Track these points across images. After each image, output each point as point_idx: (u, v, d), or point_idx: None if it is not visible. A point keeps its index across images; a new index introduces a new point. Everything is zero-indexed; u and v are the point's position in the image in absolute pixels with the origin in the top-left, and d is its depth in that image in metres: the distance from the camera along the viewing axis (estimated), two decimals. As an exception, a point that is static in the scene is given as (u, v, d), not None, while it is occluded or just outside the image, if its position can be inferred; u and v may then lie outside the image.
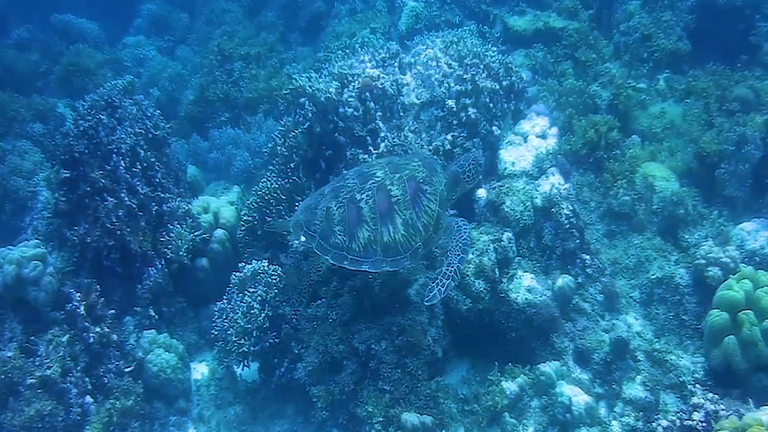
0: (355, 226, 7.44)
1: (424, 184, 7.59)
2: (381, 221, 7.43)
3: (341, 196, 7.61)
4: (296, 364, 8.79)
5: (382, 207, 7.45)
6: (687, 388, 7.97)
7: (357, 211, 7.47)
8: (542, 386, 7.90)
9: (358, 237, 7.45)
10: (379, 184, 7.55)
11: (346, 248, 7.47)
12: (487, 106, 10.49)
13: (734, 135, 9.83)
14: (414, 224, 7.48)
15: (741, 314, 7.88)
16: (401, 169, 7.68)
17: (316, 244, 7.61)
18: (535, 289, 8.65)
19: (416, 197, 7.53)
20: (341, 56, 11.81)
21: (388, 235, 7.43)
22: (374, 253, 7.45)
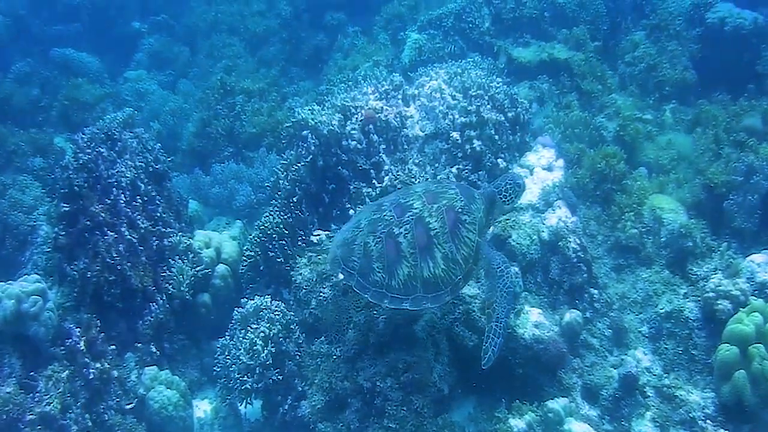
0: (395, 262, 7.23)
1: (462, 214, 7.44)
2: (420, 256, 7.23)
3: (379, 230, 7.38)
4: (300, 401, 8.78)
5: (421, 241, 7.24)
6: (698, 424, 7.95)
7: (396, 246, 7.25)
8: (550, 423, 7.85)
9: (398, 274, 7.22)
10: (417, 216, 7.33)
11: (385, 286, 7.24)
12: (492, 138, 10.57)
13: (743, 165, 9.86)
14: (454, 257, 7.33)
15: (751, 348, 7.89)
16: (439, 199, 7.51)
17: (354, 282, 7.34)
18: (543, 325, 8.65)
19: (455, 228, 7.37)
20: (344, 88, 11.92)
21: (428, 270, 7.27)
22: (414, 289, 7.24)
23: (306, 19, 19.58)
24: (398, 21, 17.31)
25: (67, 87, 17.62)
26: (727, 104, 11.56)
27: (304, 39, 18.92)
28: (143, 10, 22.39)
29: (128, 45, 21.51)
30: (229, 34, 20.30)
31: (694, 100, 12.30)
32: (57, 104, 17.26)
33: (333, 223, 10.18)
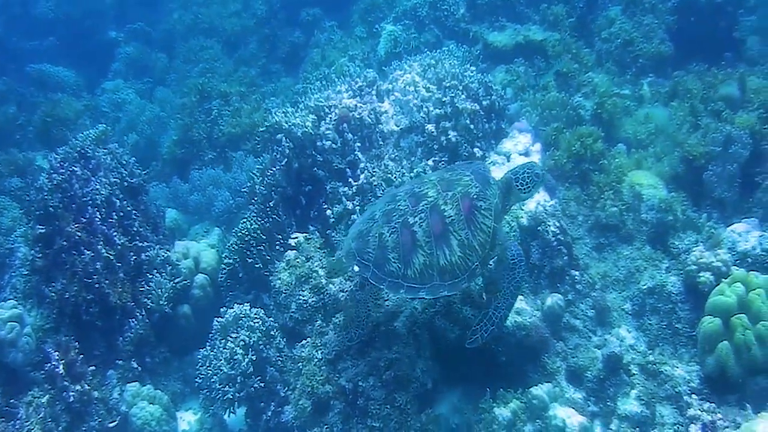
0: (410, 252, 7.30)
1: (477, 200, 7.48)
2: (436, 244, 7.29)
3: (394, 220, 7.46)
4: (283, 407, 8.87)
5: (437, 229, 7.32)
6: (683, 399, 7.99)
7: (411, 235, 7.33)
8: (535, 410, 7.90)
9: (414, 263, 7.30)
10: (432, 204, 7.42)
11: (401, 276, 7.32)
12: (467, 128, 10.65)
13: (721, 135, 9.91)
14: (470, 243, 7.37)
15: (734, 319, 7.92)
16: (453, 186, 7.55)
17: (370, 273, 7.43)
18: (525, 311, 8.75)
19: (471, 215, 7.42)
20: (318, 88, 11.95)
21: (444, 258, 7.32)
22: (431, 278, 7.31)
23: (282, 16, 19.80)
24: (375, 12, 17.44)
25: (46, 103, 17.75)
26: (704, 74, 11.58)
27: (280, 37, 19.10)
28: (119, 19, 22.59)
29: (105, 55, 21.67)
30: (206, 36, 20.46)
31: (671, 73, 12.32)
32: (35, 121, 17.31)
33: (311, 225, 10.27)
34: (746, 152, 9.80)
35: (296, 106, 11.23)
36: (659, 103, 11.75)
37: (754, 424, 6.41)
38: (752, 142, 9.85)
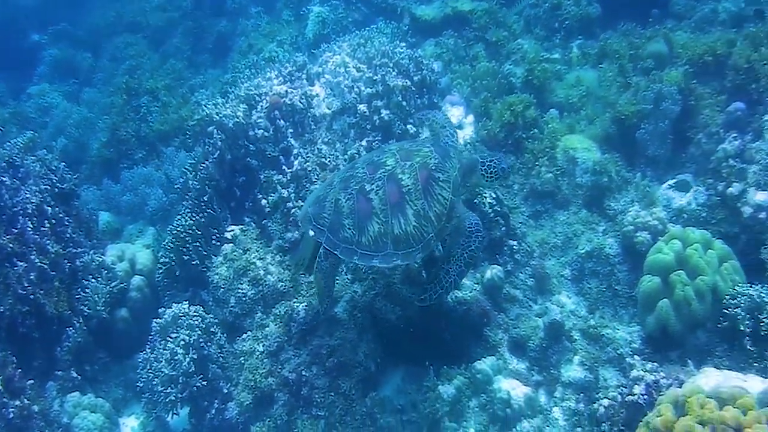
0: (365, 219, 7.29)
1: (436, 171, 7.45)
2: (392, 213, 7.27)
3: (351, 187, 7.45)
4: (227, 404, 8.83)
5: (393, 198, 7.29)
6: (625, 361, 8.05)
7: (367, 203, 7.31)
8: (479, 384, 7.97)
9: (368, 230, 7.29)
10: (390, 173, 7.39)
11: (355, 242, 7.32)
12: (400, 105, 10.62)
13: (651, 93, 9.99)
14: (426, 214, 7.34)
15: (673, 275, 8.02)
16: (412, 156, 7.50)
17: (325, 238, 7.42)
18: (465, 285, 8.79)
19: (428, 186, 7.38)
20: (247, 76, 11.83)
21: (399, 227, 7.30)
22: (385, 246, 7.29)
23: (207, 6, 19.60)
24: (301, -6, 17.17)
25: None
26: (631, 33, 11.62)
27: (207, 27, 18.88)
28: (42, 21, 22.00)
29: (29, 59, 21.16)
30: (131, 32, 20.15)
31: (600, 34, 12.31)
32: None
33: (246, 216, 10.18)
34: (677, 108, 9.87)
35: (226, 96, 11.12)
36: (589, 65, 11.78)
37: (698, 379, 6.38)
38: (682, 98, 9.89)
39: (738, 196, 8.83)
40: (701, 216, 9.12)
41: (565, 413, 7.98)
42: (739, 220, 8.79)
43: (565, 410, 7.99)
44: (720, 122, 9.65)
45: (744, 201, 8.79)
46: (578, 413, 7.82)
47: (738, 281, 7.99)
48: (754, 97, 9.58)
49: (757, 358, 7.48)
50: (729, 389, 5.48)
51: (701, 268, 7.93)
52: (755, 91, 9.56)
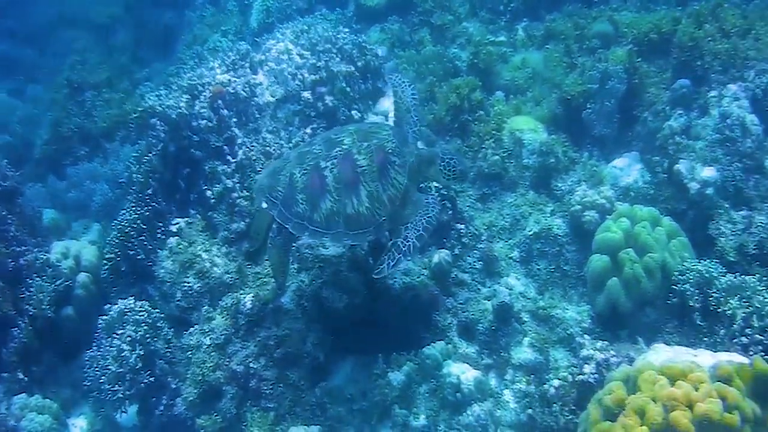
0: (319, 195, 7.20)
1: (393, 155, 7.32)
2: (345, 192, 7.18)
3: (306, 162, 7.33)
4: (175, 399, 8.67)
5: (347, 177, 7.18)
6: (575, 341, 8.02)
7: (321, 179, 7.20)
8: (428, 369, 7.89)
9: (321, 207, 7.19)
10: (346, 152, 7.28)
11: (307, 218, 7.22)
12: (344, 91, 10.51)
13: (597, 73, 10.01)
14: (379, 197, 7.23)
15: (622, 254, 8.04)
16: (370, 138, 7.37)
17: (277, 211, 7.33)
18: (412, 271, 8.68)
19: (384, 168, 7.27)
20: (191, 67, 11.67)
21: (352, 207, 7.19)
22: (336, 225, 7.20)
23: (152, 0, 19.26)
24: (246, -17, 16.98)
25: None
26: (577, 14, 11.59)
27: (152, 20, 18.56)
28: (-17, 20, 21.66)
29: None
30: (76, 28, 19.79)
31: (545, 15, 12.26)
32: None
33: (192, 208, 10.01)
34: (623, 87, 9.91)
35: (169, 87, 10.92)
36: (534, 47, 11.80)
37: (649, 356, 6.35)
38: (627, 77, 9.91)
39: (684, 172, 8.85)
40: (649, 193, 9.17)
41: (516, 395, 7.90)
42: (687, 196, 8.84)
43: (516, 392, 7.90)
44: (666, 100, 9.68)
45: (691, 177, 8.82)
46: (529, 395, 7.73)
47: (687, 257, 8.04)
48: (699, 74, 9.60)
49: (707, 332, 7.53)
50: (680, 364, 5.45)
51: (650, 245, 7.96)
52: (700, 68, 9.58)
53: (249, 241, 8.74)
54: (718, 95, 9.23)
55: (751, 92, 9.12)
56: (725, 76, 9.39)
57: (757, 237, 8.39)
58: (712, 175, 8.77)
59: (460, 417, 7.66)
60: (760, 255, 8.34)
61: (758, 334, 6.79)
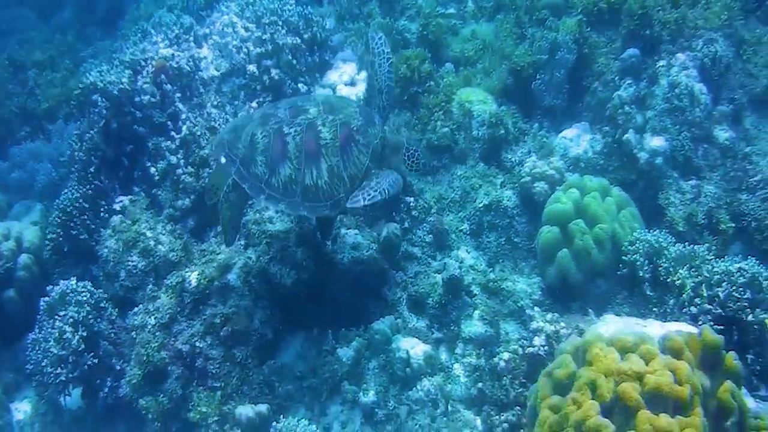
0: (278, 160, 7.08)
1: (357, 134, 7.16)
2: (305, 162, 7.06)
3: (269, 124, 7.19)
4: (120, 381, 8.50)
5: (309, 147, 7.06)
6: (526, 313, 7.99)
7: (282, 144, 7.07)
8: (377, 345, 7.81)
9: (280, 173, 7.07)
10: (310, 122, 7.13)
11: (265, 181, 7.12)
12: (290, 64, 10.39)
13: (546, 43, 9.93)
14: (339, 173, 7.11)
15: (571, 225, 8.04)
16: (336, 112, 7.22)
17: (235, 169, 7.21)
18: (361, 245, 8.56)
19: (347, 145, 7.14)
20: (134, 42, 11.43)
21: (310, 177, 7.07)
22: (293, 193, 7.10)
23: (97, -25, 18.88)
24: (193, -45, 16.68)
25: None
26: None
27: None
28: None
29: None
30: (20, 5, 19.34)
31: (496, -15, 12.18)
32: None
33: (135, 186, 9.84)
34: (572, 57, 9.83)
35: (111, 63, 10.69)
36: (485, 18, 11.66)
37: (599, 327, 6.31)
38: (577, 47, 9.85)
39: (634, 142, 8.85)
40: (598, 164, 9.16)
41: (466, 369, 7.84)
42: (636, 166, 8.86)
43: (466, 366, 7.85)
44: (615, 70, 9.63)
45: (640, 147, 8.82)
46: (479, 368, 7.68)
47: (636, 227, 8.05)
48: (648, 44, 9.55)
49: (657, 303, 7.55)
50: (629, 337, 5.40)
51: (600, 216, 7.95)
52: (649, 37, 9.52)
53: (206, 194, 8.57)
54: (666, 65, 9.21)
55: (699, 61, 9.12)
56: (674, 45, 9.36)
57: (706, 206, 8.46)
58: (661, 144, 8.77)
59: (410, 392, 7.60)
60: (708, 224, 8.38)
61: (707, 304, 6.74)
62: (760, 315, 6.53)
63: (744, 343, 6.55)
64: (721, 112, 9.01)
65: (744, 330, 6.58)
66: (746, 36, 9.51)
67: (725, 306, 6.65)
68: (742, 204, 8.49)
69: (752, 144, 8.98)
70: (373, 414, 7.61)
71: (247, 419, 7.44)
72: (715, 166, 8.79)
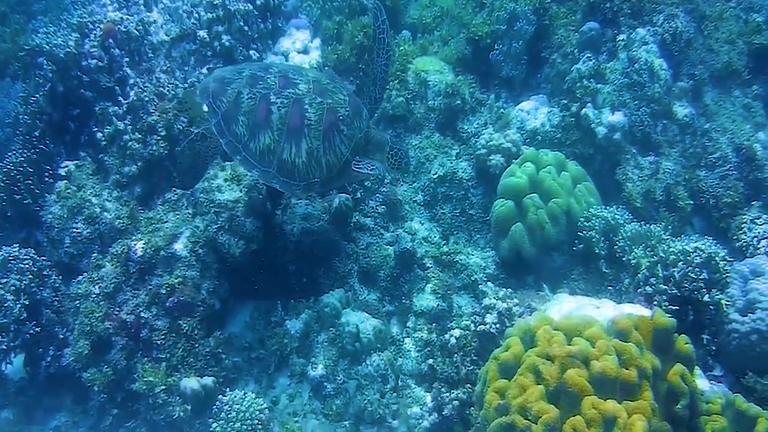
0: (260, 126, 7.04)
1: (342, 124, 7.16)
2: (286, 136, 7.04)
3: (257, 87, 7.13)
4: (63, 350, 8.38)
5: (293, 123, 7.03)
6: (479, 287, 7.94)
7: (267, 111, 7.03)
8: (327, 318, 7.74)
9: (259, 139, 7.05)
10: (298, 98, 7.09)
11: (243, 143, 7.09)
12: (242, 30, 10.22)
13: (505, 13, 9.78)
14: (318, 157, 7.09)
15: (526, 199, 8.01)
16: (326, 95, 7.18)
17: (216, 122, 7.16)
18: (311, 216, 8.47)
19: (330, 132, 7.10)
20: (82, 3, 11.18)
21: (288, 153, 7.03)
22: (269, 164, 7.09)
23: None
24: None
25: None
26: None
27: (52, -53, 17.84)
28: None
29: None
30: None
31: (456, -49, 12.05)
32: None
33: (82, 151, 9.66)
34: (531, 28, 9.72)
35: (59, 25, 10.47)
36: (445, -16, 11.51)
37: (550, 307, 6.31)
38: (537, 18, 9.74)
39: (592, 116, 8.83)
40: (556, 137, 9.11)
41: (417, 344, 7.81)
42: (594, 141, 8.83)
43: (417, 341, 7.82)
44: (574, 42, 9.55)
45: (598, 122, 8.80)
46: (430, 343, 7.60)
47: (593, 203, 8.04)
48: (609, 17, 9.46)
49: (612, 280, 7.58)
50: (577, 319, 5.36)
51: (554, 190, 7.93)
52: (609, 10, 9.43)
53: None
54: (626, 39, 9.16)
55: (659, 37, 9.09)
56: (635, 19, 9.32)
57: (664, 183, 8.49)
58: (620, 119, 8.75)
59: (360, 367, 7.56)
60: (666, 201, 8.40)
61: (662, 284, 6.71)
62: (715, 295, 6.53)
63: (699, 323, 6.57)
64: (680, 87, 9.01)
65: (699, 310, 6.58)
66: (707, 11, 9.52)
67: (681, 286, 6.62)
68: (701, 181, 8.55)
69: (712, 120, 9.02)
70: (321, 388, 7.58)
71: (192, 392, 7.37)
72: (674, 143, 8.81)
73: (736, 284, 6.70)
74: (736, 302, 6.54)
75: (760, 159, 8.72)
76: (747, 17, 9.82)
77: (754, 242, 7.91)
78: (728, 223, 8.39)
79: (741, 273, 6.77)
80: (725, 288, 6.66)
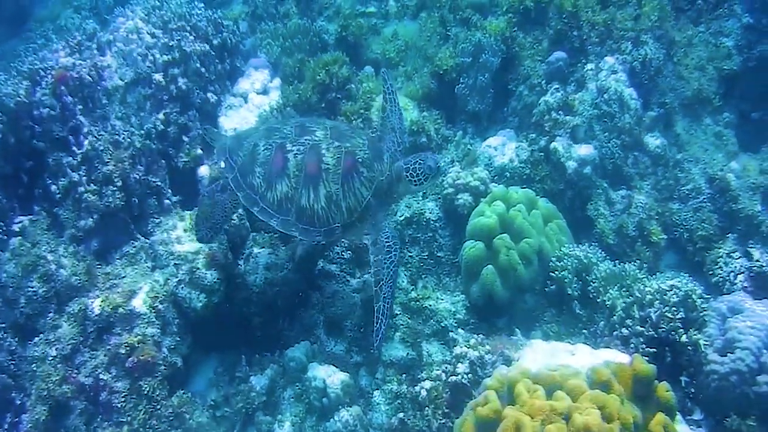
0: (277, 176, 7.19)
1: (362, 166, 7.23)
2: (304, 183, 7.15)
3: (273, 138, 7.33)
4: (20, 416, 8.35)
5: (310, 169, 7.14)
6: (449, 335, 8.00)
7: (283, 160, 7.18)
8: (293, 373, 7.77)
9: (276, 188, 7.19)
10: (315, 144, 7.22)
11: (260, 194, 7.26)
12: (198, 72, 10.38)
13: (470, 45, 9.93)
14: (337, 202, 7.18)
15: (497, 240, 8.03)
16: (343, 140, 7.30)
17: (233, 176, 7.38)
18: (275, 265, 8.52)
19: (349, 175, 7.20)
20: (36, 48, 11.29)
21: (306, 199, 7.15)
22: (287, 212, 7.20)
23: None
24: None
25: None
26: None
27: (5, -7, 17.94)
28: None
29: None
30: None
31: (417, -17, 12.21)
32: None
33: (36, 205, 9.67)
34: (496, 60, 9.89)
35: (9, 73, 10.54)
36: (407, 17, 11.69)
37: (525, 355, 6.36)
38: (503, 49, 9.88)
39: (561, 150, 8.94)
40: (525, 173, 9.21)
41: (386, 397, 7.80)
42: (564, 175, 8.92)
43: (387, 393, 7.80)
44: (541, 73, 9.72)
45: (568, 156, 8.90)
46: (401, 395, 7.61)
47: (564, 241, 8.12)
48: (576, 45, 9.66)
49: (586, 322, 7.62)
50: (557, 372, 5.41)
51: (526, 229, 8.02)
52: (577, 38, 9.64)
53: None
54: (595, 68, 9.32)
55: (629, 65, 9.27)
56: (603, 47, 9.49)
57: (637, 217, 8.60)
58: (590, 152, 8.88)
59: (327, 423, 7.54)
60: (640, 236, 8.50)
61: (639, 326, 6.73)
62: (693, 335, 6.55)
63: (677, 365, 6.61)
64: (651, 117, 9.18)
65: (677, 351, 6.59)
66: (677, 37, 9.69)
67: (658, 327, 6.64)
68: (674, 214, 8.68)
69: (684, 150, 9.17)
70: (289, 446, 7.61)
71: (155, 457, 7.41)
72: (646, 175, 8.94)
73: (713, 323, 6.77)
74: (714, 342, 6.59)
75: (734, 189, 8.81)
76: (717, 42, 10.01)
77: (731, 277, 8.04)
78: (703, 257, 8.52)
79: (719, 311, 6.85)
80: (703, 327, 6.72)
